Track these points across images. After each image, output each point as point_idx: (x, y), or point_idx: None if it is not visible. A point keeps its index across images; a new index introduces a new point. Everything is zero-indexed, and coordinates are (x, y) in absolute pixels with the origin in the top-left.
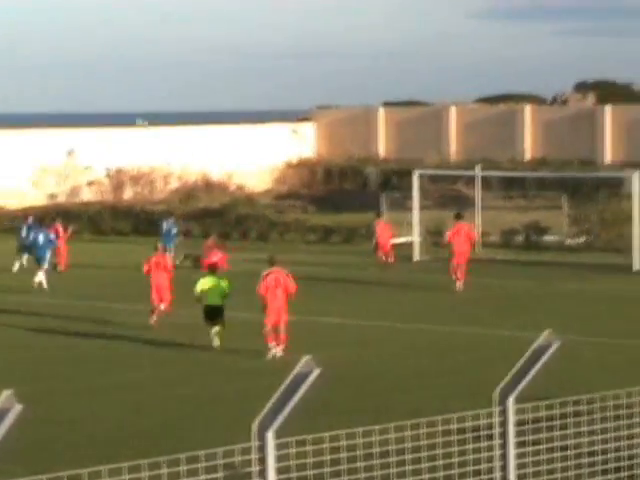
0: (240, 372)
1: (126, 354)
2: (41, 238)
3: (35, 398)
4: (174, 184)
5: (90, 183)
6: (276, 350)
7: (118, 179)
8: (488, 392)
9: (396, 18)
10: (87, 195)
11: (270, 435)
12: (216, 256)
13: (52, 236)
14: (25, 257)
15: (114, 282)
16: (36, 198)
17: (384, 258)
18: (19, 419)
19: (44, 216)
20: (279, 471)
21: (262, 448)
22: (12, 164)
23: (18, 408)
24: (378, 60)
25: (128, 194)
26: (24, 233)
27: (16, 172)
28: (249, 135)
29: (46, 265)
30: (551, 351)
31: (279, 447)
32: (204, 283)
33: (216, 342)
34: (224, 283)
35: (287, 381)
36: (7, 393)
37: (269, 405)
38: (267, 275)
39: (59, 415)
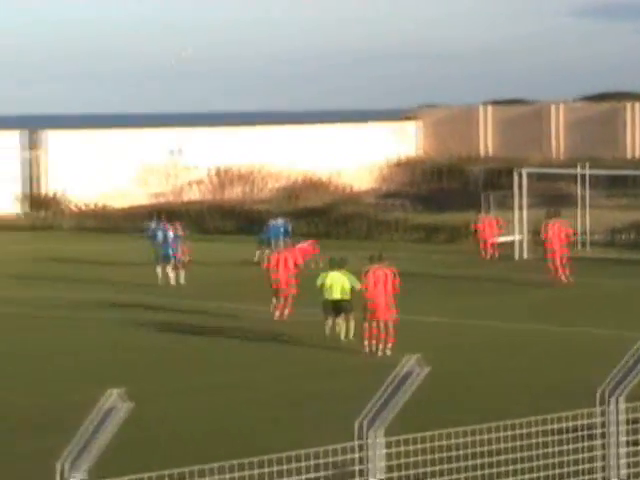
0: (341, 370)
1: (228, 352)
2: (168, 236)
3: (134, 397)
4: (280, 183)
5: (194, 182)
6: (370, 347)
7: (223, 178)
8: (586, 391)
9: (497, 17)
10: (191, 194)
11: (375, 434)
12: (302, 245)
13: (178, 234)
14: (162, 266)
15: (220, 281)
16: (140, 197)
17: (485, 254)
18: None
19: (150, 216)
20: (383, 470)
21: (366, 447)
22: (117, 164)
23: (128, 406)
24: (481, 59)
25: (232, 193)
26: (160, 237)
27: (121, 172)
28: (353, 134)
29: (173, 262)
30: None
31: (383, 446)
32: (325, 277)
33: (342, 335)
34: (348, 277)
35: (391, 380)
36: (117, 392)
37: (374, 404)
38: (369, 272)
39: (158, 414)
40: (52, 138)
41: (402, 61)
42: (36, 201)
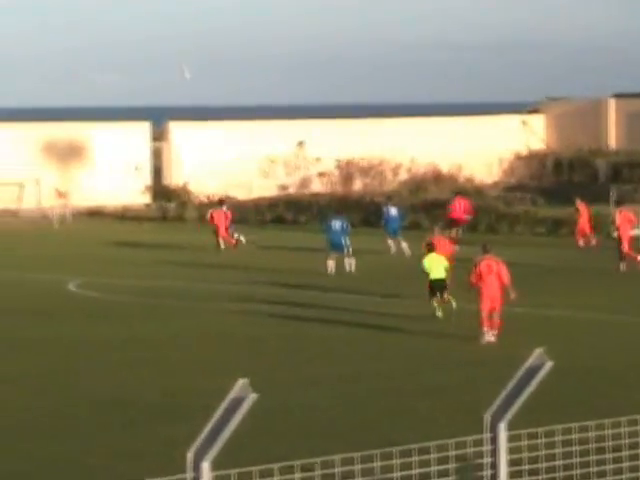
0: (460, 362)
1: (356, 343)
2: (336, 225)
3: (258, 387)
4: (403, 175)
5: (320, 174)
6: (489, 336)
7: (348, 170)
8: None
9: (625, 11)
10: (317, 186)
11: (502, 427)
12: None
13: (346, 223)
14: (334, 256)
15: (347, 271)
16: (266, 189)
17: (582, 242)
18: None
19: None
20: (511, 463)
21: (494, 440)
22: (242, 155)
23: (253, 397)
24: (609, 51)
25: (357, 185)
26: (337, 227)
27: (246, 163)
28: (478, 126)
29: (347, 251)
30: None
31: (510, 439)
32: (428, 260)
33: (439, 313)
34: (444, 259)
35: (519, 373)
36: (243, 381)
37: (501, 396)
38: (480, 262)
39: (279, 404)
40: (176, 130)
41: (530, 53)
42: (161, 192)
